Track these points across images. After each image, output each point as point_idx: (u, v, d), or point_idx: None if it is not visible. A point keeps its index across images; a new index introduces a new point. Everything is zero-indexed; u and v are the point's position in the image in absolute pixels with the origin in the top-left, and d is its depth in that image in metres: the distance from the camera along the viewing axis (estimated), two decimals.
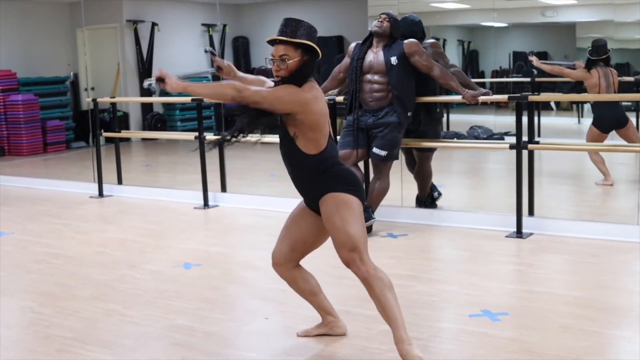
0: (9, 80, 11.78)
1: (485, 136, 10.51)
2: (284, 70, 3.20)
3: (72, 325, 3.89)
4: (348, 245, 3.21)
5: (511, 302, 4.06)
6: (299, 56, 3.20)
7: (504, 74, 11.41)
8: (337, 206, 3.22)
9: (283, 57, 3.19)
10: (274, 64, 3.22)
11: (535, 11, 11.58)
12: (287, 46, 3.20)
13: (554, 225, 5.61)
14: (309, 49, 3.23)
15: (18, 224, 6.62)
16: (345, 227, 3.20)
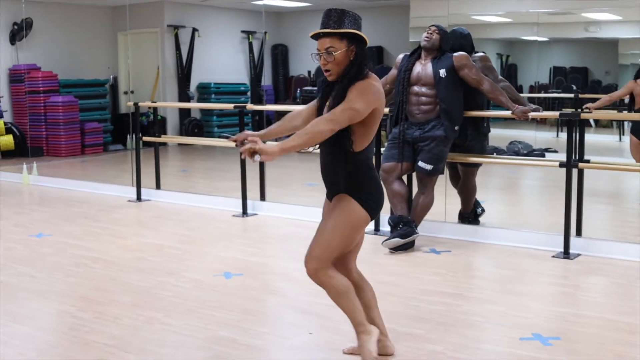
0: (50, 81, 11.86)
1: (526, 152, 10.35)
2: (331, 63, 3.11)
3: (112, 332, 3.83)
4: (316, 249, 3.19)
5: (562, 326, 3.92)
6: (345, 46, 3.10)
7: (543, 89, 11.24)
8: (343, 213, 3.19)
9: (329, 50, 3.10)
10: (321, 58, 3.14)
11: (578, 26, 11.41)
12: (332, 38, 3.11)
13: (602, 246, 5.45)
14: (355, 38, 3.13)
15: (56, 225, 6.60)
16: (328, 235, 3.20)
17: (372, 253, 5.56)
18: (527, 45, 11.84)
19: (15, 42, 11.93)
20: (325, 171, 3.28)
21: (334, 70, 3.13)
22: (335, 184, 3.24)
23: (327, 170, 3.26)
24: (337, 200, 3.22)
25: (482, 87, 5.52)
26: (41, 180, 9.17)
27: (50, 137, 11.83)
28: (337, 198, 3.23)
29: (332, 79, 3.16)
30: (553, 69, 11.53)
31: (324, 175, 3.29)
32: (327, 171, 3.26)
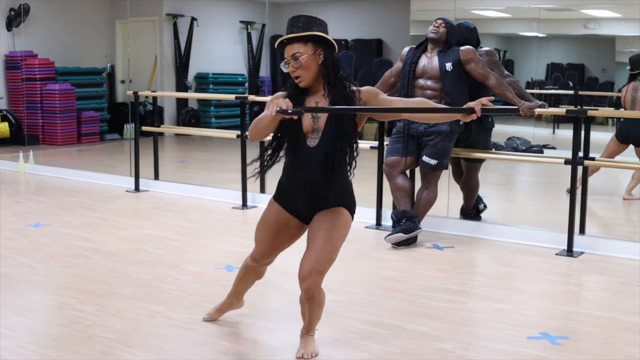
0: (47, 69, 11.75)
1: (524, 148, 10.31)
2: (300, 69, 3.05)
3: (115, 326, 3.77)
4: (320, 266, 3.14)
5: (570, 326, 3.88)
6: (311, 50, 3.05)
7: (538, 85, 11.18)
8: (340, 226, 3.18)
9: (295, 55, 3.04)
10: (289, 66, 3.08)
11: (577, 23, 11.38)
12: (297, 43, 3.05)
13: (605, 244, 5.41)
14: (321, 41, 3.08)
15: (54, 215, 6.53)
16: (334, 252, 3.17)
17: (375, 248, 5.52)
18: (524, 41, 11.80)
19: (11, 28, 11.80)
20: (316, 187, 3.15)
21: (303, 77, 3.07)
22: (327, 199, 3.18)
23: (319, 186, 3.14)
24: (333, 217, 3.16)
25: (489, 82, 5.47)
26: (38, 169, 9.09)
27: (47, 126, 11.72)
28: (334, 213, 3.17)
29: (304, 85, 3.09)
30: (551, 65, 11.49)
31: (312, 192, 3.16)
32: (319, 187, 3.14)
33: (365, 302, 4.22)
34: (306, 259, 3.15)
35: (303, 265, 3.15)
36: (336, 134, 3.07)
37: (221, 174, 8.89)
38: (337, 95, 3.07)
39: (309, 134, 3.11)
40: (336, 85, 3.07)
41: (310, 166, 3.10)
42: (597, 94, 11.21)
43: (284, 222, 3.29)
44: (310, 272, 3.13)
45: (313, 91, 3.14)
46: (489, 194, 6.76)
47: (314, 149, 3.10)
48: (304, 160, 3.12)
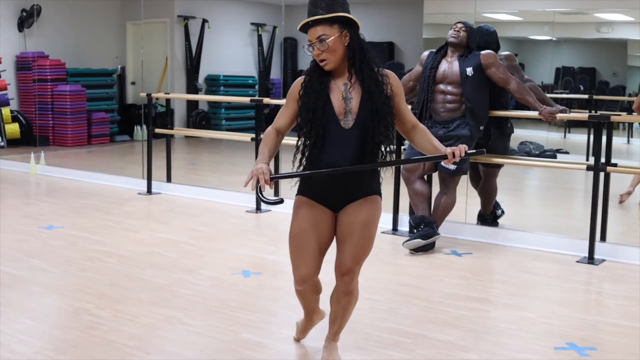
0: (58, 70, 11.71)
1: (538, 152, 10.23)
2: (326, 52, 2.91)
3: (132, 332, 3.70)
4: (360, 259, 3.08)
5: (597, 336, 3.79)
6: (337, 32, 2.91)
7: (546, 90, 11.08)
8: (376, 217, 3.09)
9: (321, 38, 2.90)
10: (314, 48, 2.93)
11: (590, 27, 11.29)
12: (322, 25, 2.91)
13: (627, 252, 5.33)
14: (346, 22, 2.94)
15: (67, 217, 6.47)
16: (371, 243, 3.09)
17: (392, 254, 5.44)
18: (535, 45, 11.71)
19: (23, 29, 11.77)
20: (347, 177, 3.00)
21: (330, 60, 2.93)
22: (358, 186, 3.04)
23: (348, 176, 2.99)
24: (367, 206, 3.04)
25: (509, 87, 5.40)
26: (49, 171, 9.04)
27: (57, 127, 11.68)
28: (367, 203, 3.04)
29: (330, 67, 2.95)
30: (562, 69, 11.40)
31: (345, 177, 2.99)
32: (348, 176, 2.99)
33: (385, 309, 4.15)
34: (345, 253, 3.04)
35: (342, 260, 3.05)
36: (373, 116, 2.95)
37: (232, 177, 8.82)
38: (365, 77, 2.96)
39: (341, 116, 2.97)
40: (362, 67, 2.95)
41: (345, 149, 2.95)
42: (612, 98, 11.11)
43: (319, 215, 3.06)
44: (350, 266, 3.05)
45: (337, 74, 3.00)
46: (504, 199, 6.67)
47: (350, 130, 2.96)
48: (338, 142, 2.96)
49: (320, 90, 2.97)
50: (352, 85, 2.97)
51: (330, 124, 2.95)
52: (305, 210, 3.06)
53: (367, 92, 2.96)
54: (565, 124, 11.27)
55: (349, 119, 2.96)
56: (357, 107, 2.96)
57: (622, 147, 10.73)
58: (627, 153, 10.74)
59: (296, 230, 3.07)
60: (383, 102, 2.96)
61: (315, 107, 2.94)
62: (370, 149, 2.96)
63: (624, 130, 11.13)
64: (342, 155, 2.95)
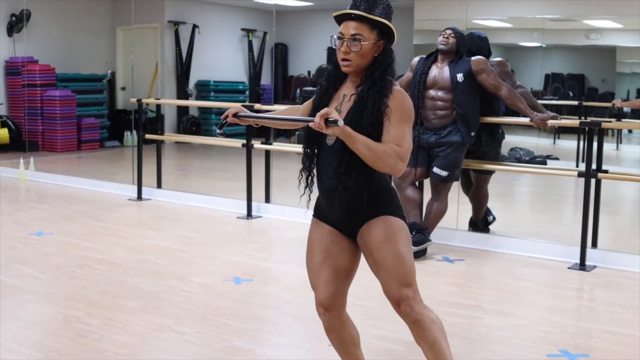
0: (47, 75, 11.66)
1: (528, 158, 10.25)
2: (355, 53, 2.60)
3: (123, 340, 3.67)
4: (404, 280, 2.66)
5: (589, 343, 3.79)
6: (374, 38, 2.61)
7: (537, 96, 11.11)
8: (395, 233, 2.68)
9: (357, 37, 2.59)
10: (343, 44, 2.61)
11: (579, 33, 11.34)
12: (363, 24, 2.60)
13: (618, 258, 5.34)
14: (385, 32, 2.65)
15: (56, 223, 6.43)
16: (405, 259, 2.67)
17: None
18: (525, 51, 11.76)
19: (12, 34, 11.72)
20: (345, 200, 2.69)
21: (354, 62, 2.62)
22: (361, 209, 2.70)
23: (349, 198, 2.68)
24: (378, 228, 2.68)
25: (500, 93, 5.40)
26: (38, 176, 8.99)
27: (47, 132, 11.62)
28: (376, 225, 2.69)
29: (349, 71, 2.66)
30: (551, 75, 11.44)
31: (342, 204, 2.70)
32: (349, 199, 2.69)
33: (377, 316, 4.13)
34: (384, 284, 2.69)
35: (387, 291, 2.69)
36: (357, 129, 2.57)
37: (223, 183, 8.79)
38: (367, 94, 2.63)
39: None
40: (376, 82, 2.63)
41: (329, 169, 2.68)
42: (601, 104, 11.16)
43: (329, 238, 2.78)
44: (399, 291, 2.65)
45: (351, 81, 2.72)
46: (496, 206, 6.68)
47: (332, 147, 2.68)
48: (322, 160, 2.72)
49: (320, 101, 2.75)
50: (351, 96, 2.69)
51: (318, 140, 2.73)
52: (315, 232, 2.83)
53: (357, 105, 2.64)
54: (554, 130, 11.30)
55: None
56: (343, 119, 2.63)
57: (612, 153, 10.76)
58: (616, 159, 10.79)
59: (307, 255, 2.84)
60: (370, 122, 2.60)
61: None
62: (349, 168, 2.63)
63: (613, 136, 11.17)
64: (328, 173, 2.70)
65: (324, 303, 2.78)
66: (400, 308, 2.68)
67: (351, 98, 2.67)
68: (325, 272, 2.76)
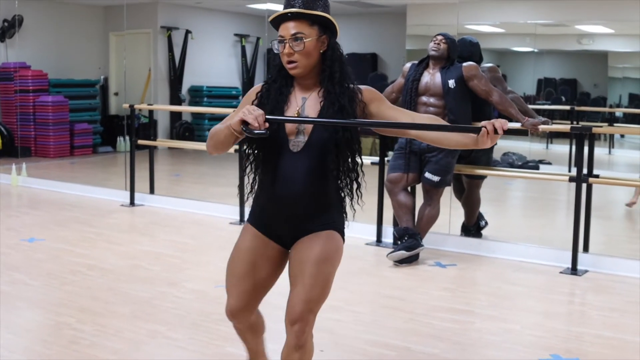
0: (40, 80, 11.65)
1: (520, 163, 10.28)
2: (299, 53, 2.49)
3: (115, 346, 3.67)
4: (313, 306, 2.55)
5: (580, 347, 3.80)
6: (316, 34, 2.52)
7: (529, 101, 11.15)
8: (333, 252, 2.58)
9: (298, 36, 2.48)
10: (285, 46, 2.50)
11: (571, 39, 11.39)
12: (301, 22, 2.50)
13: (610, 263, 5.35)
14: (327, 26, 2.55)
15: (48, 230, 6.42)
16: (326, 287, 2.57)
17: (376, 266, 5.44)
18: (517, 56, 11.80)
19: (4, 39, 11.70)
20: (298, 205, 2.57)
21: (301, 63, 2.51)
22: (312, 219, 2.58)
23: (302, 203, 2.57)
24: (321, 241, 2.56)
25: (492, 99, 5.42)
26: (30, 182, 8.97)
27: (39, 138, 11.60)
28: (320, 238, 2.57)
29: (297, 73, 2.53)
30: (544, 80, 11.48)
31: (294, 210, 2.58)
32: (302, 204, 2.57)
33: (369, 321, 4.14)
34: (295, 298, 2.55)
35: (292, 305, 2.55)
36: (328, 138, 2.52)
37: (216, 188, 8.79)
38: (334, 92, 2.54)
39: (292, 137, 2.55)
40: (333, 80, 2.54)
41: (292, 177, 2.54)
42: (593, 109, 11.20)
43: (261, 250, 2.66)
44: (301, 314, 2.53)
45: (302, 86, 2.60)
46: (487, 210, 6.70)
47: (298, 155, 2.54)
48: (284, 169, 2.55)
49: (277, 103, 2.58)
50: (315, 99, 2.57)
51: (277, 146, 2.55)
52: (246, 241, 2.68)
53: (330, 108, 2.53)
54: (547, 135, 11.33)
55: (299, 140, 2.55)
56: (312, 126, 2.55)
57: (604, 158, 10.80)
58: (608, 164, 10.83)
59: (231, 260, 2.71)
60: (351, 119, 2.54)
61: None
62: (324, 178, 2.56)
63: (605, 141, 11.21)
64: (291, 185, 2.54)
65: (233, 311, 2.72)
66: (294, 328, 2.55)
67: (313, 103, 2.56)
68: (245, 284, 2.67)
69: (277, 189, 2.56)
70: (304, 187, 2.53)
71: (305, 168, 2.53)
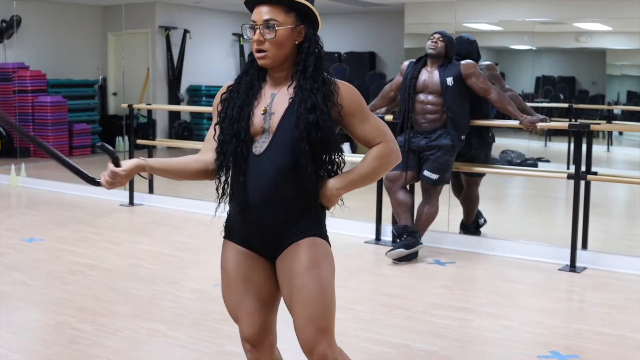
0: (38, 81, 11.64)
1: (519, 161, 10.29)
2: (270, 42, 2.24)
3: (115, 346, 3.68)
4: (321, 325, 2.23)
5: (580, 344, 3.82)
6: (292, 22, 2.25)
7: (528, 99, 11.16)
8: (320, 259, 2.29)
9: (270, 22, 2.24)
10: (256, 32, 2.27)
11: (569, 36, 11.41)
12: (276, 7, 2.25)
13: (608, 260, 5.37)
14: (305, 15, 2.29)
15: (48, 230, 6.43)
16: (326, 292, 2.26)
17: (375, 264, 5.46)
18: (515, 54, 11.82)
19: (3, 40, 11.69)
20: (264, 214, 2.29)
21: (271, 54, 2.26)
22: (285, 230, 2.30)
23: (269, 213, 2.28)
24: (304, 250, 2.28)
25: (490, 96, 5.43)
26: (30, 182, 8.98)
27: (38, 138, 11.54)
28: (302, 247, 2.29)
29: (266, 63, 2.28)
30: (542, 78, 11.50)
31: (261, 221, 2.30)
32: (268, 214, 2.28)
33: (368, 319, 4.15)
34: (299, 321, 2.25)
35: (300, 330, 2.25)
36: (298, 138, 2.23)
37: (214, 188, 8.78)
38: (306, 87, 2.25)
39: (257, 137, 2.29)
40: (313, 76, 2.25)
41: (257, 183, 2.26)
42: (591, 106, 11.22)
43: (248, 262, 2.38)
44: (314, 339, 2.23)
45: (274, 78, 2.33)
46: (486, 208, 6.71)
47: (261, 157, 2.27)
48: (249, 174, 2.28)
49: (247, 98, 2.33)
50: (284, 94, 2.30)
51: (243, 148, 2.27)
52: (230, 260, 2.41)
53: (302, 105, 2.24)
54: (545, 133, 11.35)
55: (263, 141, 2.28)
56: (278, 122, 2.27)
57: (603, 155, 10.82)
58: (607, 161, 10.85)
59: (223, 287, 2.43)
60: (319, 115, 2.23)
61: (231, 122, 2.29)
62: (294, 181, 2.26)
63: (603, 138, 11.23)
64: (257, 191, 2.27)
65: (250, 339, 2.41)
66: (314, 357, 2.24)
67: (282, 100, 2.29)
68: (249, 304, 2.37)
69: (243, 197, 2.28)
70: (270, 192, 2.25)
71: (271, 172, 2.24)
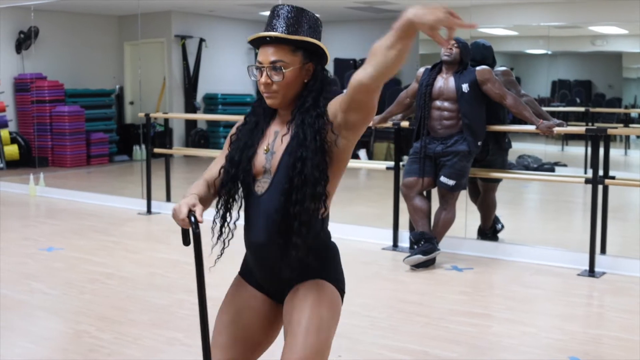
0: (56, 91, 11.75)
1: (536, 166, 10.25)
2: (278, 83, 2.13)
3: (134, 354, 3.69)
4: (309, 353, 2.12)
5: (599, 350, 3.79)
6: (299, 62, 2.14)
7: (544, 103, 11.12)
8: (329, 305, 2.19)
9: (277, 65, 2.13)
10: (263, 74, 2.15)
11: (585, 40, 11.36)
12: (282, 47, 2.14)
13: (627, 264, 5.33)
14: (313, 52, 2.18)
15: (66, 239, 6.47)
16: (323, 334, 2.15)
17: (393, 270, 5.45)
18: (531, 59, 11.78)
19: (21, 51, 11.81)
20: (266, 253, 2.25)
21: (280, 94, 2.15)
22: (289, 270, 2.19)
23: (271, 252, 2.23)
24: (309, 294, 2.18)
25: (506, 102, 5.41)
26: (48, 192, 9.04)
27: (56, 147, 11.70)
28: (308, 289, 2.19)
29: (275, 104, 2.18)
30: (558, 82, 11.45)
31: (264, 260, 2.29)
32: (271, 253, 2.23)
33: (386, 326, 4.14)
34: (286, 354, 2.14)
35: None
36: (295, 175, 2.12)
37: None
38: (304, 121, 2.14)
39: (259, 176, 2.23)
40: (309, 109, 2.14)
41: (257, 223, 2.24)
42: (608, 110, 11.16)
43: (245, 298, 2.39)
44: None
45: (281, 115, 2.24)
46: (503, 213, 6.69)
47: (261, 198, 2.21)
48: (250, 213, 2.27)
49: (250, 138, 2.25)
50: (285, 133, 2.19)
51: (247, 187, 2.25)
52: (232, 289, 2.49)
53: (294, 140, 2.15)
54: (562, 137, 11.30)
55: (265, 181, 2.21)
56: (278, 162, 2.18)
57: (620, 159, 10.75)
58: (624, 165, 10.78)
59: (220, 308, 2.49)
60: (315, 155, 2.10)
61: (237, 162, 2.24)
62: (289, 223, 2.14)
63: (621, 142, 11.16)
64: (256, 233, 2.25)
65: None
66: None
67: (283, 138, 2.19)
68: (226, 335, 2.37)
69: (247, 236, 2.30)
70: (266, 236, 2.21)
71: (267, 214, 2.18)
